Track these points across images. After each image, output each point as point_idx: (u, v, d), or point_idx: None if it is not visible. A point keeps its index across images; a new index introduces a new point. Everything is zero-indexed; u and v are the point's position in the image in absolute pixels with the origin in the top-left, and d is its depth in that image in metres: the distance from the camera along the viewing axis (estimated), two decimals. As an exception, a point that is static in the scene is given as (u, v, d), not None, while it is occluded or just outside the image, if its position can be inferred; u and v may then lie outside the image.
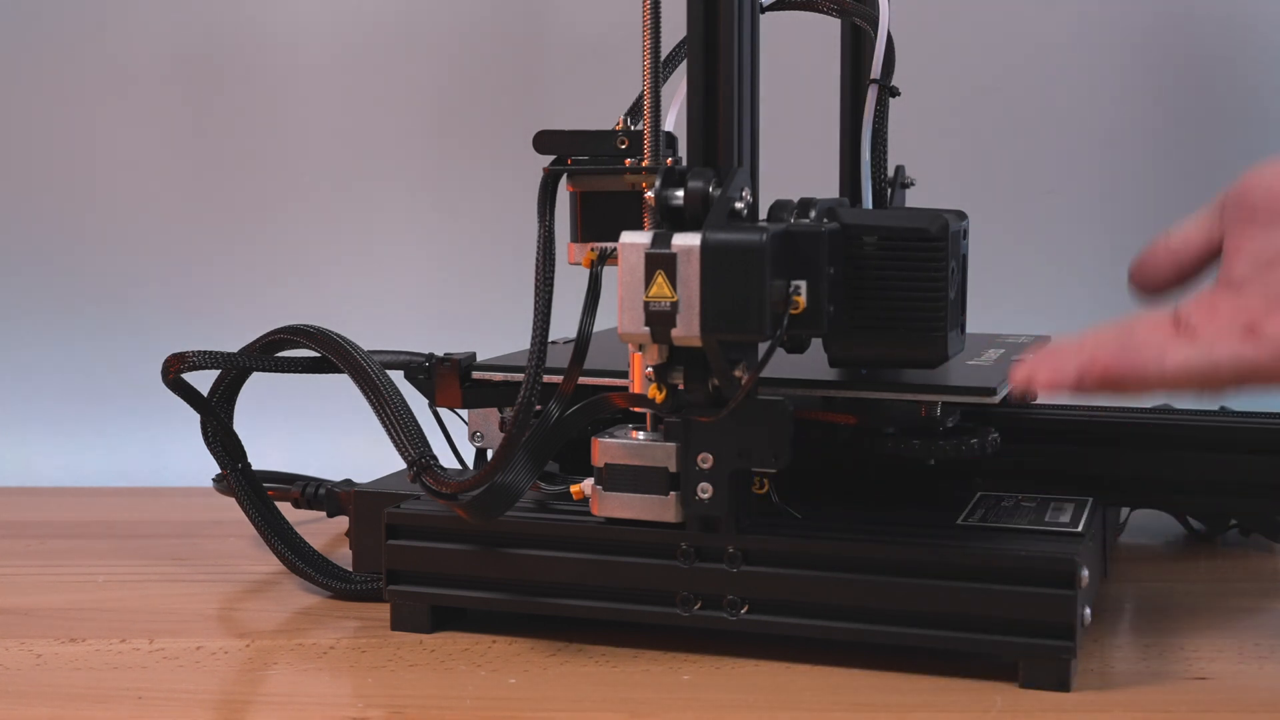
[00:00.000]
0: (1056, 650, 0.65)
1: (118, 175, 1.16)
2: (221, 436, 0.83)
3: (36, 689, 0.68)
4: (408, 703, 0.66)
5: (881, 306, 0.70)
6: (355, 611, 0.79)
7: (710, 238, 0.65)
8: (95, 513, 1.03)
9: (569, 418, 0.70)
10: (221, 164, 1.16)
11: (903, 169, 0.80)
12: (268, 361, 0.81)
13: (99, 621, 0.78)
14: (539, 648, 0.72)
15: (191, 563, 0.89)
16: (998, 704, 0.65)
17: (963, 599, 0.66)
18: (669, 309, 0.65)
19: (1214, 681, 0.67)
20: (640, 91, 0.71)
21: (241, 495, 0.83)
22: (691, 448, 0.68)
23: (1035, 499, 0.75)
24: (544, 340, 0.70)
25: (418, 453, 0.73)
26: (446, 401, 0.82)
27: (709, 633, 0.71)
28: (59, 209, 1.17)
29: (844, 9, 0.78)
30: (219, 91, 1.16)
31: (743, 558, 0.69)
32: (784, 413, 0.67)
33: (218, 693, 0.68)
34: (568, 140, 0.72)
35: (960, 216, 0.73)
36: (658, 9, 0.70)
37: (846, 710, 0.64)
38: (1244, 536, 0.91)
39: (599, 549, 0.71)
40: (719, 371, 0.66)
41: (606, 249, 0.71)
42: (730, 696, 0.66)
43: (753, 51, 0.69)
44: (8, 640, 0.74)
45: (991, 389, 0.72)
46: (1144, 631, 0.74)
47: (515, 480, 0.70)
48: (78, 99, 1.16)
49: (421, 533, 0.74)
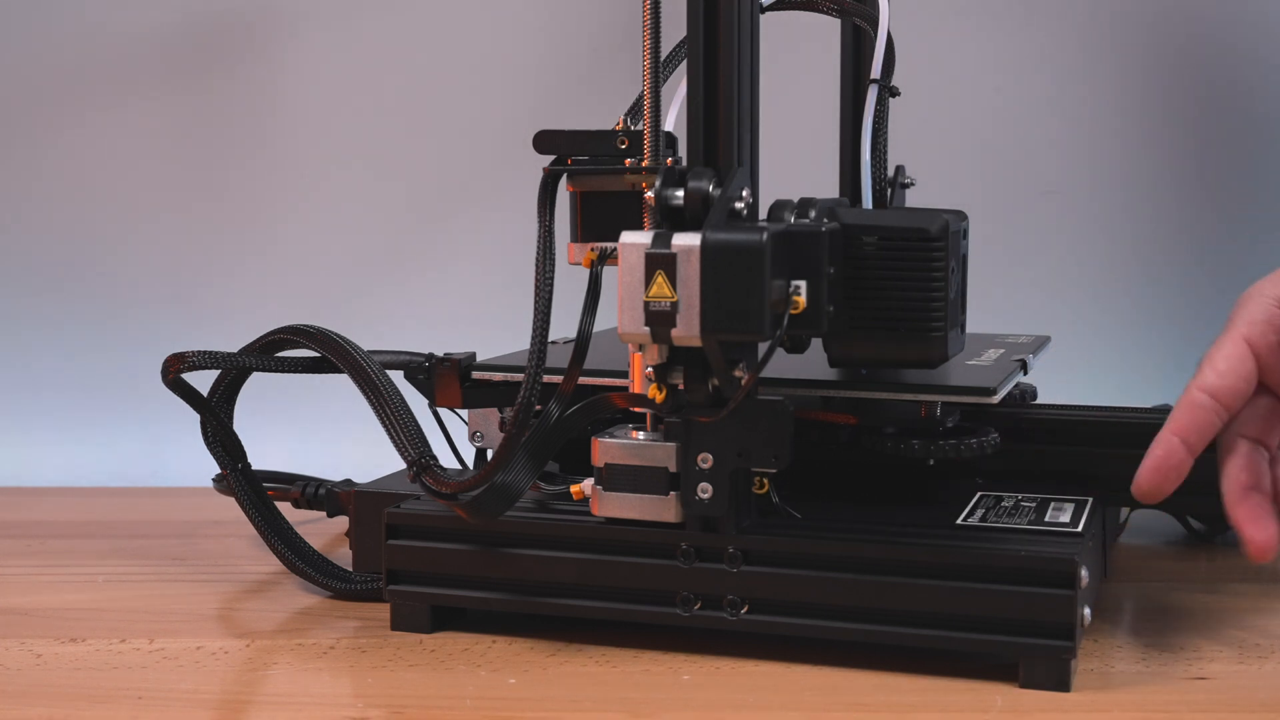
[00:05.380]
0: (1056, 650, 0.65)
1: (117, 174, 1.16)
2: (221, 436, 0.83)
3: (36, 689, 0.68)
4: (408, 703, 0.66)
5: (881, 306, 0.70)
6: (355, 611, 0.79)
7: (710, 238, 0.65)
8: (95, 513, 1.03)
9: (569, 418, 0.70)
10: (222, 164, 1.16)
11: (903, 169, 0.80)
12: (268, 361, 0.81)
13: (99, 621, 0.78)
14: (539, 648, 0.72)
15: (191, 563, 0.89)
16: (998, 704, 0.65)
17: (963, 599, 0.66)
18: (669, 309, 0.65)
19: (1214, 681, 0.67)
20: (640, 91, 0.71)
21: (241, 495, 0.83)
22: (691, 448, 0.68)
23: (1035, 499, 0.75)
24: (544, 340, 0.70)
25: (418, 453, 0.73)
26: (446, 401, 0.82)
27: (709, 633, 0.71)
28: (58, 209, 1.17)
29: (844, 9, 0.78)
30: (219, 90, 1.16)
31: (743, 558, 0.69)
32: (784, 413, 0.67)
33: (218, 693, 0.68)
34: (567, 140, 0.72)
35: (960, 216, 0.73)
36: (658, 9, 0.70)
37: (846, 710, 0.64)
38: (1244, 536, 0.91)
39: (599, 549, 0.71)
40: (719, 371, 0.66)
41: (606, 249, 0.71)
42: (730, 696, 0.66)
43: (753, 51, 0.69)
44: (8, 640, 0.74)
45: (991, 389, 0.72)
46: (1144, 631, 0.74)
47: (515, 480, 0.70)
48: (77, 98, 1.16)
49: (421, 533, 0.74)
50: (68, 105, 1.16)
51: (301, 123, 1.16)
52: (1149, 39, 1.11)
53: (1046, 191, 1.13)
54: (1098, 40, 1.11)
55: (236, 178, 1.17)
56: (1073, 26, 1.12)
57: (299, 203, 1.17)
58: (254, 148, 1.16)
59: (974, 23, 1.12)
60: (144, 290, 1.17)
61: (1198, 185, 1.11)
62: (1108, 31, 1.11)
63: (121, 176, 1.17)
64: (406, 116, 1.16)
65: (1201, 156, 1.11)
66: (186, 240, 1.17)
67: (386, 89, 1.16)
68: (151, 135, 1.16)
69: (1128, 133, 1.11)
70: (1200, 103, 1.11)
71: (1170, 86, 1.11)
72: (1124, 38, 1.11)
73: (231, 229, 1.17)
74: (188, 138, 1.16)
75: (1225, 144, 1.10)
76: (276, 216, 1.17)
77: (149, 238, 1.17)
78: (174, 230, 1.17)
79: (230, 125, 1.16)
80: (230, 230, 1.17)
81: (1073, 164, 1.12)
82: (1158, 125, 1.11)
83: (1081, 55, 1.12)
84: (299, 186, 1.17)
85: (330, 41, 1.15)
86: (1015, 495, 0.76)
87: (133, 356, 1.15)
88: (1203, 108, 1.11)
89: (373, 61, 1.15)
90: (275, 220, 1.17)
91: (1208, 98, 1.10)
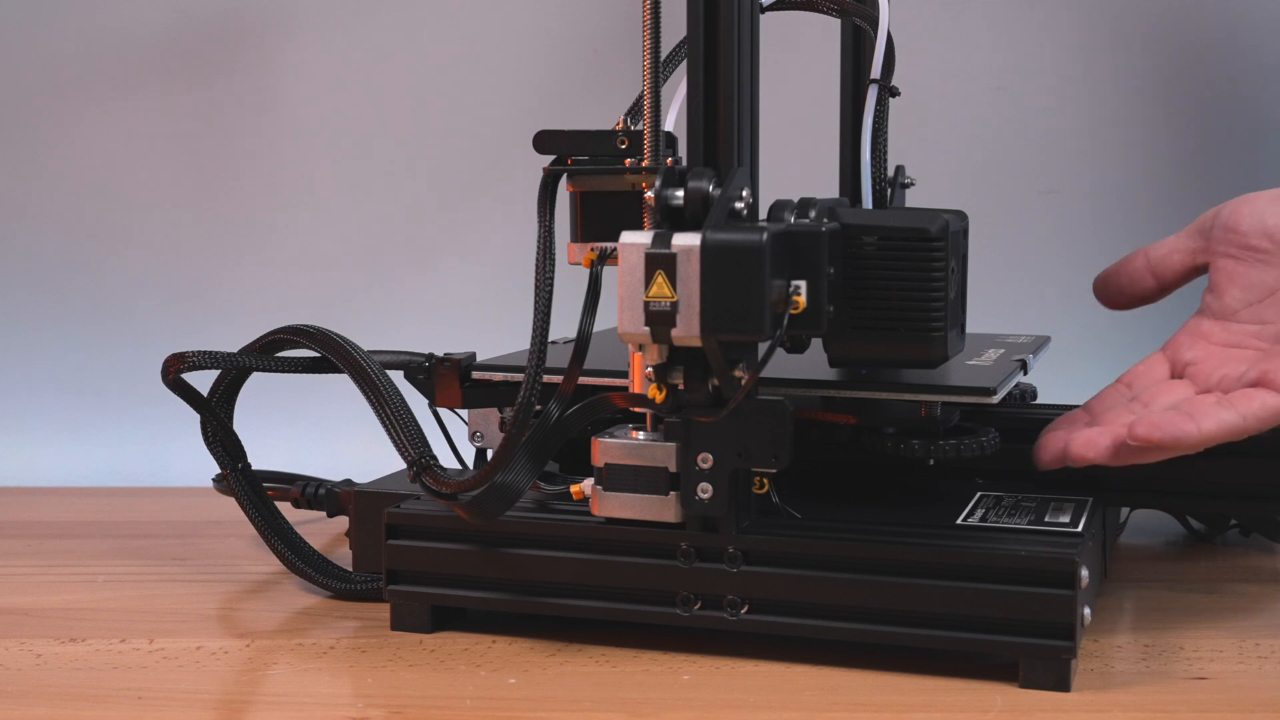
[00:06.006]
0: (1056, 650, 0.65)
1: (118, 174, 1.16)
2: (221, 436, 0.83)
3: (36, 689, 0.68)
4: (408, 703, 0.66)
5: (881, 306, 0.70)
6: (355, 611, 0.79)
7: (710, 238, 0.65)
8: (95, 513, 1.03)
9: (569, 418, 0.70)
10: (222, 164, 1.16)
11: (903, 169, 0.80)
12: (268, 361, 0.81)
13: (99, 621, 0.78)
14: (539, 648, 0.72)
15: (191, 563, 0.89)
16: (998, 704, 0.65)
17: (963, 599, 0.66)
18: (669, 309, 0.65)
19: (1214, 681, 0.67)
20: (640, 91, 0.71)
21: (241, 495, 0.83)
22: (691, 448, 0.68)
23: (1035, 499, 0.75)
24: (544, 340, 0.70)
25: (418, 453, 0.73)
26: (446, 401, 0.82)
27: (709, 633, 0.71)
28: (59, 209, 1.17)
29: (844, 9, 0.78)
30: (219, 90, 1.16)
31: (743, 558, 0.69)
32: (784, 413, 0.67)
33: (218, 693, 0.68)
34: (567, 140, 0.72)
35: (960, 216, 0.74)
36: (658, 9, 0.70)
37: (846, 710, 0.64)
38: (1244, 536, 0.91)
39: (599, 549, 0.71)
40: (719, 371, 0.66)
41: (606, 249, 0.71)
42: (730, 696, 0.66)
43: (753, 51, 0.69)
44: (8, 640, 0.74)
45: (991, 389, 0.72)
46: (1144, 631, 0.74)
47: (515, 480, 0.70)
48: (78, 99, 1.16)
49: (421, 533, 0.74)
50: (68, 106, 1.16)
51: (301, 123, 1.16)
52: (1149, 39, 1.11)
53: (1046, 191, 1.13)
54: (1098, 40, 1.11)
55: (237, 178, 1.17)
56: (1073, 27, 1.12)
57: (299, 203, 1.17)
58: (254, 148, 1.16)
59: (974, 23, 1.12)
60: (144, 290, 1.17)
61: (1197, 185, 1.11)
62: (1108, 32, 1.11)
63: (122, 176, 1.17)
64: (406, 116, 1.16)
65: (1201, 156, 1.11)
66: (186, 240, 1.17)
67: (386, 89, 1.16)
68: (152, 135, 1.16)
69: (1127, 133, 1.11)
70: (1200, 103, 1.11)
71: (1170, 86, 1.11)
72: (1124, 38, 1.11)
73: (231, 229, 1.17)
74: (188, 138, 1.16)
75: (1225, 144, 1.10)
76: (277, 216, 1.17)
77: (149, 238, 1.17)
78: (174, 230, 1.17)
79: (230, 125, 1.16)
80: (230, 230, 1.17)
81: (1072, 164, 1.12)
82: (1158, 125, 1.11)
83: (1082, 55, 1.12)
84: (299, 186, 1.17)
85: (330, 42, 1.15)
86: (1015, 495, 0.76)
87: (133, 356, 1.15)
88: (1202, 108, 1.11)
89: (373, 62, 1.15)
90: (275, 220, 1.17)
91: (1207, 98, 1.10)
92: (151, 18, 1.15)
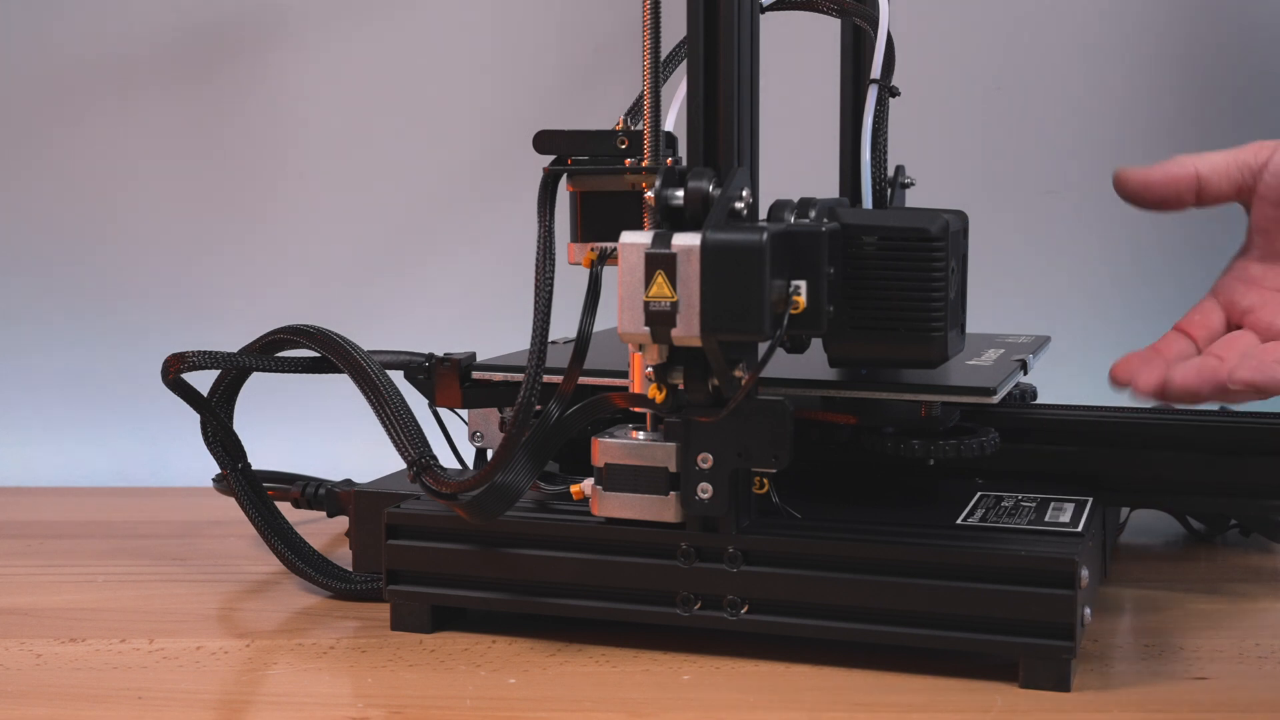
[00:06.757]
0: (1056, 650, 0.65)
1: (118, 175, 1.16)
2: (221, 436, 0.83)
3: (36, 689, 0.68)
4: (408, 703, 0.66)
5: (881, 306, 0.70)
6: (355, 611, 0.79)
7: (710, 238, 0.65)
8: (95, 513, 1.03)
9: (569, 418, 0.70)
10: (222, 163, 1.16)
11: (903, 169, 0.80)
12: (268, 361, 0.81)
13: (99, 621, 0.78)
14: (539, 648, 0.72)
15: (191, 563, 0.89)
16: (998, 704, 0.65)
17: (963, 599, 0.66)
18: (669, 309, 0.65)
19: (1214, 681, 0.67)
20: (640, 91, 0.71)
21: (241, 495, 0.83)
22: (691, 448, 0.68)
23: (1035, 499, 0.75)
24: (544, 340, 0.70)
25: (418, 453, 0.73)
26: (446, 401, 0.82)
27: (709, 633, 0.71)
28: (59, 209, 1.17)
29: (844, 9, 0.78)
30: (219, 90, 1.16)
31: (743, 558, 0.69)
32: (784, 413, 0.67)
33: (218, 693, 0.68)
34: (567, 140, 0.72)
35: (960, 216, 0.74)
36: (658, 9, 0.70)
37: (846, 710, 0.64)
38: (1244, 536, 0.91)
39: (599, 549, 0.71)
40: (719, 371, 0.66)
41: (606, 249, 0.71)
42: (730, 696, 0.66)
43: (753, 51, 0.69)
44: (8, 640, 0.74)
45: (991, 389, 0.72)
46: (1144, 631, 0.74)
47: (515, 480, 0.70)
48: (79, 100, 1.16)
49: (421, 533, 0.74)
50: (69, 106, 1.16)
51: (302, 123, 1.16)
52: (1149, 39, 1.11)
53: (1046, 191, 1.13)
54: (1098, 40, 1.11)
55: (237, 178, 1.17)
56: (1073, 27, 1.12)
57: (299, 203, 1.17)
58: (255, 148, 1.16)
59: (974, 23, 1.12)
60: (144, 290, 1.17)
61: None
62: (1108, 32, 1.11)
63: (122, 177, 1.17)
64: (407, 116, 1.16)
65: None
66: (187, 240, 1.17)
67: (387, 89, 1.16)
68: (152, 136, 1.16)
69: (1128, 132, 1.11)
70: (1200, 102, 1.11)
71: (1171, 86, 1.11)
72: (1124, 38, 1.11)
73: (231, 229, 1.17)
74: (189, 138, 1.16)
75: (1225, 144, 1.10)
76: (277, 216, 1.17)
77: (149, 237, 1.17)
78: (174, 230, 1.17)
79: (231, 126, 1.16)
80: (230, 230, 1.17)
81: (1073, 164, 1.12)
82: (1158, 125, 1.11)
83: (1082, 55, 1.12)
84: (299, 186, 1.17)
85: (331, 42, 1.15)
86: (1015, 495, 0.76)
87: (133, 356, 1.15)
88: (1203, 107, 1.11)
89: (373, 62, 1.15)
90: (275, 220, 1.17)
91: (1208, 97, 1.10)
92: (153, 19, 1.15)
